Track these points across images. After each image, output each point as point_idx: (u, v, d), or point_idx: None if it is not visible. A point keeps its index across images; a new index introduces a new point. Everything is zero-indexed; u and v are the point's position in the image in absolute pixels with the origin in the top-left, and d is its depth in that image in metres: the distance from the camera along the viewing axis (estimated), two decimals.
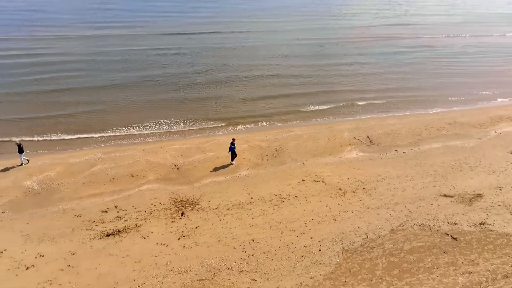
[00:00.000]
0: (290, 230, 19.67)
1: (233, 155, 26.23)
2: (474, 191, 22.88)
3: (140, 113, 35.60)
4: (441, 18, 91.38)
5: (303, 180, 24.33)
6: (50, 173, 25.21)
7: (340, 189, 23.28)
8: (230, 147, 25.74)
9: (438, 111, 37.42)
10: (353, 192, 22.97)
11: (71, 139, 31.17)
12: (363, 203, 21.80)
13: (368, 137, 30.61)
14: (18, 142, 26.25)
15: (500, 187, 23.09)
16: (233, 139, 25.96)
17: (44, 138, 31.04)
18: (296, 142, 29.62)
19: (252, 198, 22.54)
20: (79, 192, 23.34)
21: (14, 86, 40.53)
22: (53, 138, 31.16)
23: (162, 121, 34.23)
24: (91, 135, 31.66)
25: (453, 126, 32.57)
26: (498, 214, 20.58)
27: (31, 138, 30.82)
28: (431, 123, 33.03)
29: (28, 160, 26.69)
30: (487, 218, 20.27)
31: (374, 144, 29.54)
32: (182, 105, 37.78)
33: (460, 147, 28.78)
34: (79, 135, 31.56)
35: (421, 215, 20.70)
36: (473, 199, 21.94)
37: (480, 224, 19.79)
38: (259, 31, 69.46)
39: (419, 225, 19.85)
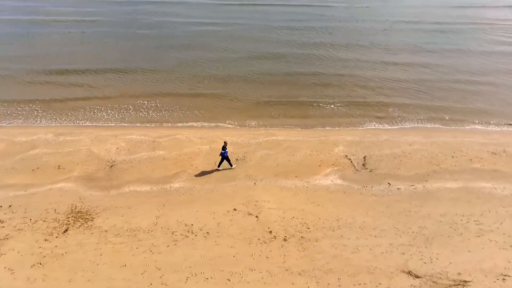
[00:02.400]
0: (162, 284, 14.90)
1: (227, 160, 22.16)
2: (459, 274, 15.40)
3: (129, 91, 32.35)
4: None
5: (234, 210, 18.98)
6: None
7: (270, 232, 17.53)
8: (221, 152, 21.49)
9: (491, 129, 27.71)
10: (284, 240, 17.07)
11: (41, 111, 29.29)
12: (284, 262, 15.95)
13: (364, 157, 23.43)
14: None
15: (505, 276, 15.17)
16: (225, 143, 21.48)
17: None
18: (267, 152, 23.80)
19: (156, 224, 18.07)
20: None
21: None
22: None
23: (145, 103, 30.64)
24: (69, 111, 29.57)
25: (496, 157, 23.45)
26: None
27: None
28: (466, 148, 24.26)
29: None
30: None
31: (366, 169, 22.39)
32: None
33: (487, 194, 20.31)
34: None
35: None
36: None
37: None
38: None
39: None
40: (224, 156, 21.57)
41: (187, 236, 17.33)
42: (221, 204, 19.41)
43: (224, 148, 21.28)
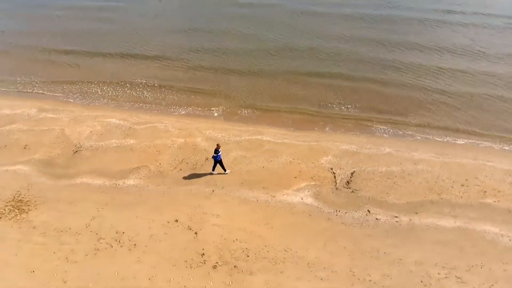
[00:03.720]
0: None
1: (220, 164, 19.60)
2: None
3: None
4: None
5: (175, 221, 16.94)
6: None
7: (202, 255, 15.31)
8: (213, 155, 19.04)
9: None
10: (214, 268, 14.83)
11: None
12: None
13: (352, 173, 19.99)
14: None
15: None
16: (218, 146, 18.85)
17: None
18: (243, 154, 21.21)
19: (88, 226, 16.62)
20: None
21: None
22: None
23: (143, 82, 29.13)
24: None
25: None
26: None
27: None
28: (484, 176, 19.86)
29: None
30: None
31: (348, 188, 19.04)
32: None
33: (488, 241, 16.28)
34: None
35: None
36: None
37: None
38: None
39: None
40: (217, 160, 19.13)
41: (112, 246, 15.64)
42: (166, 211, 17.40)
43: (216, 151, 18.75)
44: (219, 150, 18.81)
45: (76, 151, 21.39)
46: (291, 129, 24.15)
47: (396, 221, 17.14)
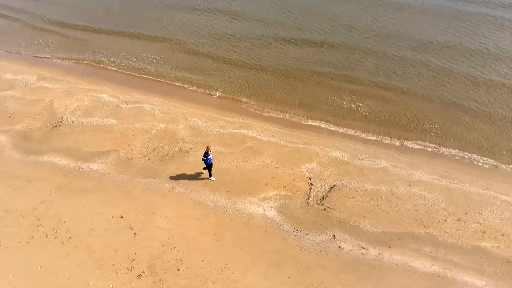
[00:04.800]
0: None
1: (208, 169, 17.70)
2: None
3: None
4: None
5: (121, 217, 16.00)
6: None
7: (132, 260, 14.35)
8: (203, 158, 16.97)
9: None
10: (138, 277, 13.83)
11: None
12: None
13: (331, 188, 17.73)
14: None
15: None
16: (208, 148, 16.66)
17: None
18: (219, 149, 19.62)
19: (33, 210, 16.41)
20: None
21: None
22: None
23: (148, 57, 28.05)
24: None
25: None
26: None
27: None
28: (490, 211, 16.79)
29: None
30: None
31: (321, 205, 16.89)
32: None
33: None
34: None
35: None
36: None
37: None
38: None
39: None
40: (207, 164, 17.10)
41: (47, 236, 15.10)
42: (116, 204, 16.48)
43: (206, 154, 16.63)
44: (209, 152, 16.63)
45: (56, 126, 20.97)
46: (285, 126, 21.96)
47: (362, 254, 14.80)
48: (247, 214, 16.27)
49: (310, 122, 22.26)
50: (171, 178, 17.94)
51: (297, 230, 15.71)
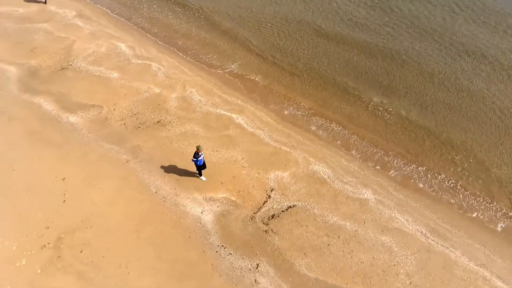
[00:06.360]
0: None
1: (198, 170, 15.79)
2: None
3: None
4: None
5: (62, 179, 15.96)
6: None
7: (47, 228, 14.30)
8: (192, 159, 15.06)
9: None
10: (43, 247, 13.74)
11: None
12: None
13: (287, 208, 15.48)
14: None
15: None
16: (198, 149, 14.59)
17: None
18: (197, 131, 18.29)
19: None
20: None
21: None
22: None
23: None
24: None
25: None
26: None
27: None
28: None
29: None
30: None
31: (265, 225, 14.89)
32: None
33: None
34: None
35: None
36: None
37: None
38: None
39: None
40: (197, 165, 15.30)
41: None
42: (67, 165, 16.47)
43: (196, 155, 14.75)
44: (200, 153, 14.67)
45: (63, 68, 21.31)
46: (282, 119, 19.45)
47: None
48: (182, 211, 14.94)
49: (311, 122, 19.23)
50: (133, 150, 17.17)
51: (222, 246, 14.01)
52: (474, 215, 15.54)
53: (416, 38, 23.97)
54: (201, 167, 15.42)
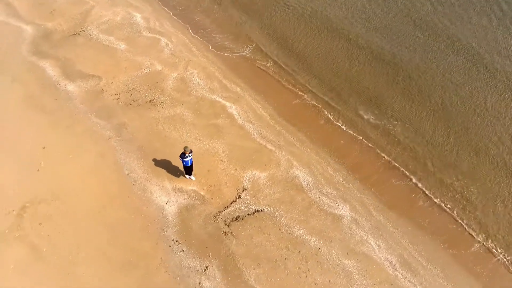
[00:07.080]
0: None
1: (186, 170, 14.97)
2: None
3: None
4: None
5: (43, 148, 16.32)
6: None
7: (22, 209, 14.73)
8: (180, 157, 14.15)
9: None
10: (10, 212, 14.25)
11: None
12: None
13: (254, 212, 14.82)
14: None
15: None
16: (185, 150, 13.71)
17: None
18: (185, 115, 17.87)
19: None
20: None
21: None
22: None
23: None
24: None
25: None
26: None
27: None
28: None
29: None
30: None
31: (227, 226, 14.41)
32: None
33: None
34: None
35: None
36: None
37: None
38: None
39: None
40: (186, 166, 14.50)
41: None
42: (53, 133, 16.82)
43: (182, 155, 13.93)
44: (187, 155, 13.80)
45: (75, 34, 21.44)
46: (279, 114, 18.38)
47: None
48: (147, 198, 14.77)
49: (308, 122, 18.06)
50: (118, 127, 17.10)
51: (176, 241, 13.74)
52: (459, 252, 13.92)
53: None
54: (188, 168, 14.66)
